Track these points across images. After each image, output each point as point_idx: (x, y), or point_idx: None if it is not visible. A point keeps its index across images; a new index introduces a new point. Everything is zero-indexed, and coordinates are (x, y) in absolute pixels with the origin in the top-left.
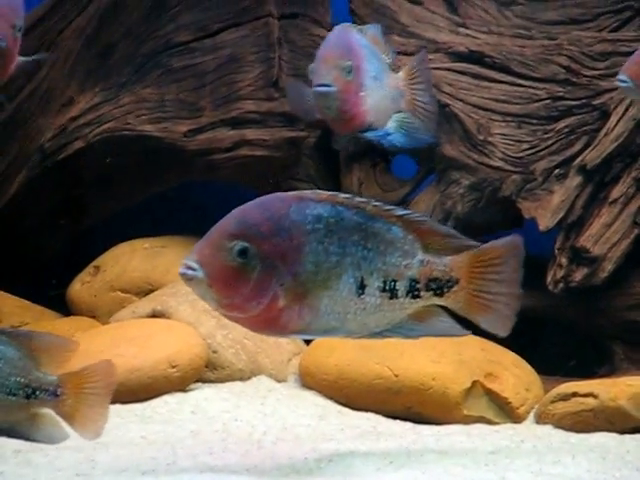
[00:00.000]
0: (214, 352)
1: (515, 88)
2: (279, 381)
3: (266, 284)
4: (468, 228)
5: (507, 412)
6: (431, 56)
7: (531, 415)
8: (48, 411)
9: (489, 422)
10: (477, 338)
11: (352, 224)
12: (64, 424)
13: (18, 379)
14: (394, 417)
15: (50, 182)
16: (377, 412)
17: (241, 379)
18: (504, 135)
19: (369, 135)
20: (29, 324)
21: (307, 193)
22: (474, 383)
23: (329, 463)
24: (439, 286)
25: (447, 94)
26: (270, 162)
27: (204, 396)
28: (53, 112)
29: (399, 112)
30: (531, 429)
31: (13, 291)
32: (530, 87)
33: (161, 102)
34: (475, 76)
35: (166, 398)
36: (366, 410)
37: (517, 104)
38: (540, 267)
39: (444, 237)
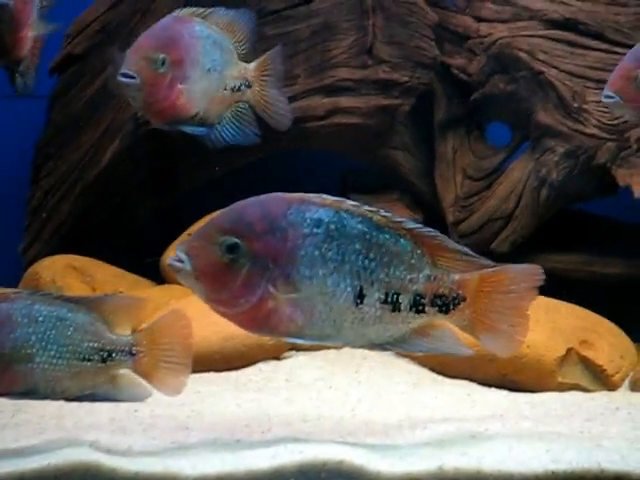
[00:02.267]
0: None
1: (610, 55)
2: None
3: (255, 282)
4: (563, 196)
5: (602, 380)
6: (525, 24)
7: (626, 383)
8: (127, 371)
9: (584, 390)
10: (571, 305)
11: (355, 232)
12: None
13: (91, 344)
14: (488, 385)
15: (143, 151)
16: (471, 380)
17: (335, 347)
18: (599, 103)
19: (187, 129)
20: (123, 292)
21: (311, 196)
22: (569, 351)
23: (424, 430)
24: (445, 303)
25: (542, 62)
26: (364, 130)
27: (298, 364)
28: None
29: (240, 103)
30: (626, 397)
31: (108, 260)
32: (624, 54)
33: None
34: (570, 43)
35: (260, 366)
36: (460, 378)
37: (611, 71)
38: (635, 234)
39: (455, 254)
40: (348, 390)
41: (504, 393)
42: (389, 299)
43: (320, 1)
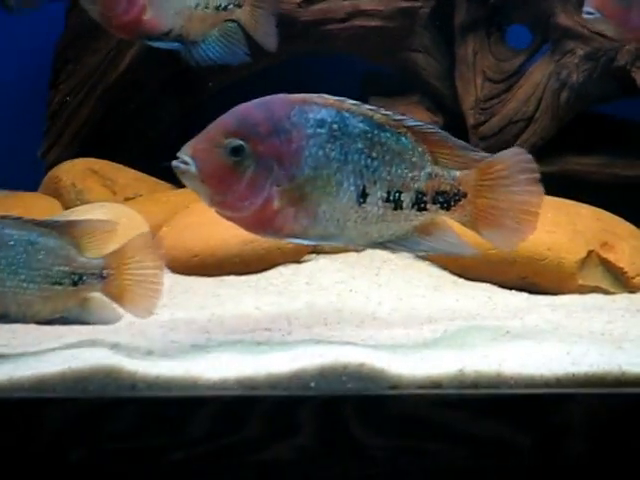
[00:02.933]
0: None
1: None
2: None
3: (260, 184)
4: (583, 98)
5: (622, 282)
6: None
7: None
8: (98, 294)
9: (604, 292)
10: (592, 208)
11: (357, 131)
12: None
13: (62, 268)
14: (509, 287)
15: (162, 54)
16: (492, 283)
17: (355, 250)
18: None
19: (159, 44)
20: (143, 195)
21: (313, 97)
22: (589, 253)
23: (444, 333)
24: (446, 199)
25: None
26: (385, 32)
27: (318, 267)
28: None
29: (228, 22)
30: None
31: (127, 164)
32: None
33: None
34: None
35: (280, 269)
36: (481, 281)
37: None
38: None
39: (456, 149)
40: (368, 293)
41: (525, 296)
42: (391, 197)
43: None
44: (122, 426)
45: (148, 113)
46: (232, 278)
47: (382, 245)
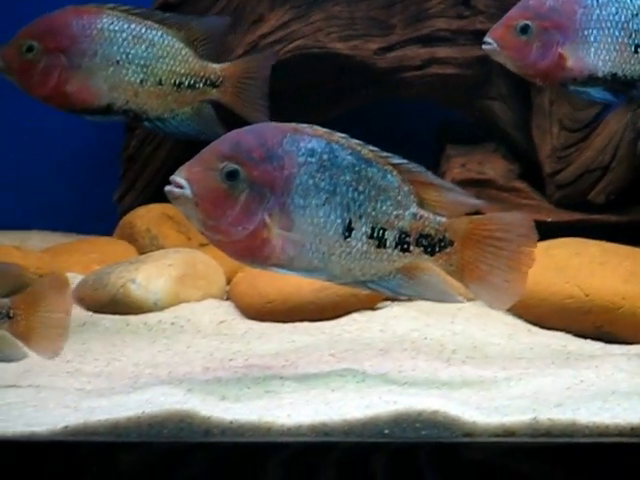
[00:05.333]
0: None
1: None
2: (468, 299)
3: (253, 210)
4: None
5: None
6: None
7: None
8: (5, 333)
9: None
10: None
11: (345, 164)
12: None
13: None
14: (584, 336)
15: None
16: (567, 331)
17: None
18: None
19: (103, 119)
20: None
21: (303, 126)
22: None
23: (519, 381)
24: (430, 244)
25: None
26: (461, 80)
27: (393, 314)
28: (243, 29)
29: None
30: None
31: None
32: None
33: (351, 20)
34: None
35: (355, 316)
36: (556, 329)
37: None
38: None
39: (443, 191)
40: (443, 341)
41: (600, 345)
42: (375, 234)
43: None
44: (196, 471)
45: None
46: (306, 324)
47: (364, 284)
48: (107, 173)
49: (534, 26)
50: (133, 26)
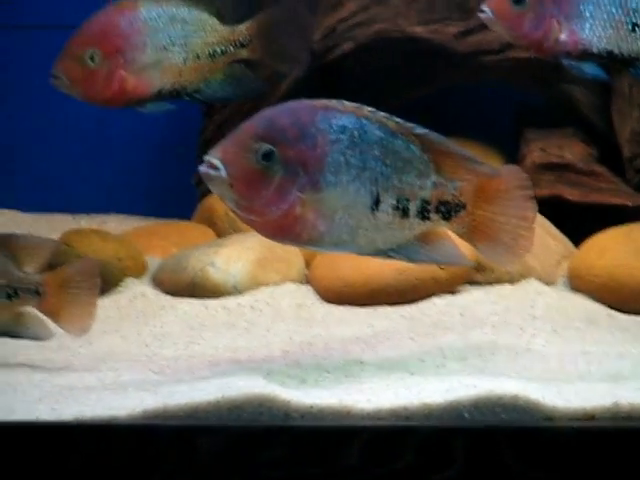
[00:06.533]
0: None
1: None
2: (548, 284)
3: (287, 190)
4: None
5: None
6: None
7: None
8: (32, 310)
9: None
10: None
11: (374, 138)
12: (49, 322)
13: None
14: None
15: (318, 82)
16: None
17: (510, 282)
18: None
19: (152, 108)
20: None
21: (333, 102)
22: None
23: (599, 365)
24: (447, 210)
25: None
26: (539, 64)
27: (473, 299)
28: (321, 13)
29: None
30: None
31: None
32: None
33: (430, 4)
34: None
35: (434, 300)
36: (637, 314)
37: None
38: None
39: (460, 160)
40: (523, 325)
41: None
42: (400, 205)
43: None
44: (275, 455)
45: None
46: (385, 308)
47: (384, 253)
48: (186, 157)
49: None
50: (166, 9)
